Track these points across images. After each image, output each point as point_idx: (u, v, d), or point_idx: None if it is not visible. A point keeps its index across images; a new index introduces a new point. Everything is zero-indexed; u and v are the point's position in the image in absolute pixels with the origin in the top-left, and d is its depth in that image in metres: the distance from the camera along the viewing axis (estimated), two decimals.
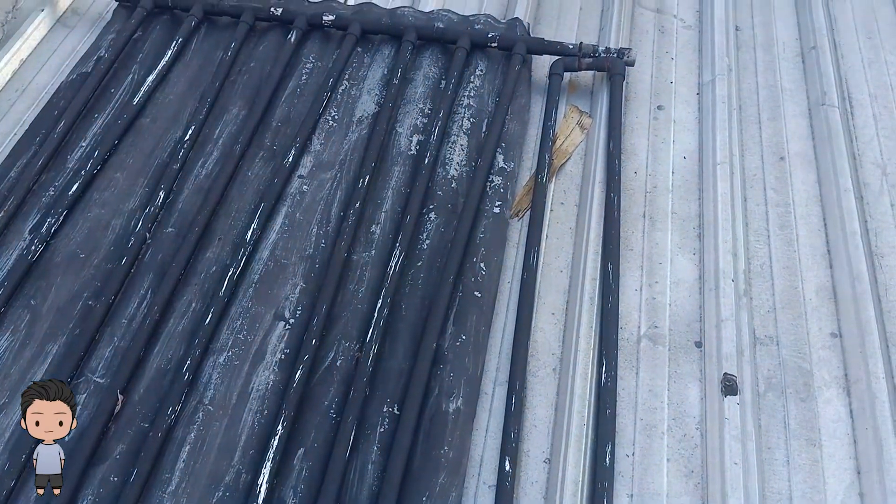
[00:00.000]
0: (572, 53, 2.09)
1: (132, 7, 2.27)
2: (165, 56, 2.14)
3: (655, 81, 2.15)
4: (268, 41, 2.21)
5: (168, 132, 1.99)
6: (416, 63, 2.15)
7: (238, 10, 2.24)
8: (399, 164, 1.91)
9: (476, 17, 2.26)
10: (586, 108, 2.08)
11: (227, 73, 2.11)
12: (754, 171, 1.93)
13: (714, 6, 2.31)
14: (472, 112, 2.01)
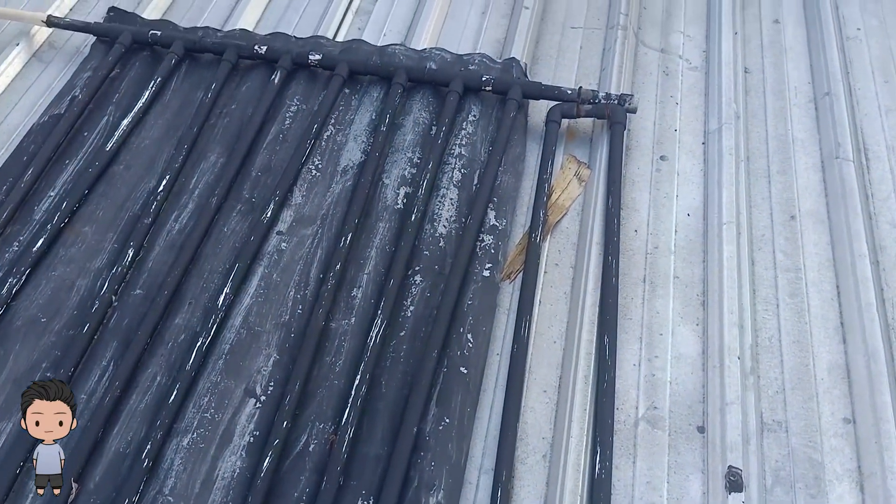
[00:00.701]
0: (571, 99, 1.98)
1: (110, 42, 2.17)
2: (143, 97, 2.03)
3: (659, 129, 2.03)
4: (251, 81, 2.10)
5: (142, 181, 1.88)
6: (405, 107, 2.04)
7: (221, 47, 2.13)
8: (385, 219, 1.80)
9: (471, 56, 2.15)
10: (585, 158, 1.96)
11: (206, 116, 2.00)
12: (763, 231, 1.81)
13: (721, 46, 2.19)
14: (463, 162, 1.90)
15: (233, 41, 2.14)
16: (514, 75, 2.08)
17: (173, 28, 2.25)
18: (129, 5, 2.38)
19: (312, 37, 2.23)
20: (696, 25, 2.31)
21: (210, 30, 2.24)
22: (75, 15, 2.36)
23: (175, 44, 2.13)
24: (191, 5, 2.40)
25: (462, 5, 2.39)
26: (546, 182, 1.86)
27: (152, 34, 2.15)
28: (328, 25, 2.31)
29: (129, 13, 2.29)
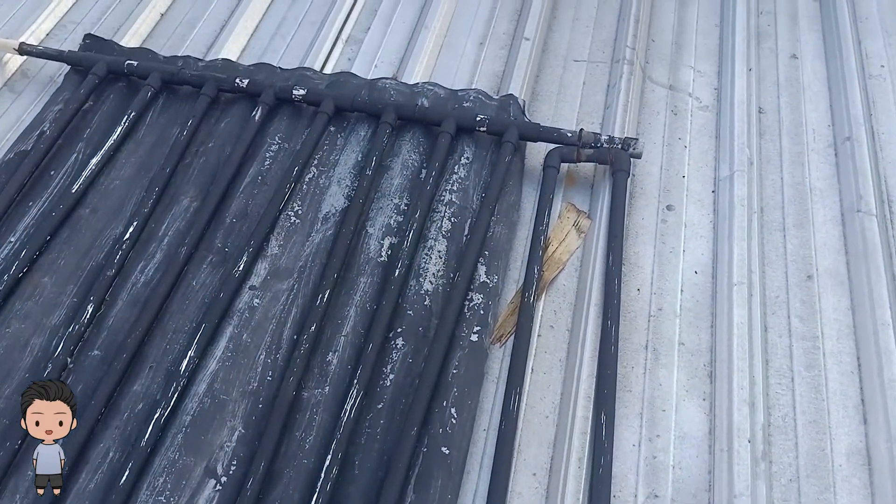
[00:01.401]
0: (571, 143, 1.84)
1: (85, 72, 2.05)
2: (115, 133, 1.91)
3: (665, 175, 1.89)
4: (231, 117, 1.98)
5: (108, 226, 1.75)
6: (394, 148, 1.91)
7: (200, 79, 2.00)
8: (367, 273, 1.67)
9: (465, 92, 2.01)
10: (585, 205, 1.82)
11: (181, 155, 1.87)
12: (777, 293, 1.66)
13: (734, 83, 2.05)
14: (453, 210, 1.77)
15: (213, 73, 2.02)
16: (511, 114, 1.95)
17: (152, 57, 2.12)
18: (108, 31, 2.26)
19: (299, 68, 2.10)
20: (708, 60, 2.16)
21: (191, 59, 2.12)
22: (51, 41, 2.24)
23: (152, 76, 2.00)
24: (172, 32, 2.28)
25: (459, 35, 2.26)
26: (542, 233, 1.72)
27: (128, 65, 2.03)
28: (317, 54, 2.18)
29: (107, 41, 2.17)
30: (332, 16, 2.28)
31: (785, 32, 2.24)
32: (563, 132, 1.85)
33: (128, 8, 2.33)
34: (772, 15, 2.28)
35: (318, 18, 2.30)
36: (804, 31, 2.23)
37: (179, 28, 2.30)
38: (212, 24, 2.31)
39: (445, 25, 2.28)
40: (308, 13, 2.34)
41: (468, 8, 2.33)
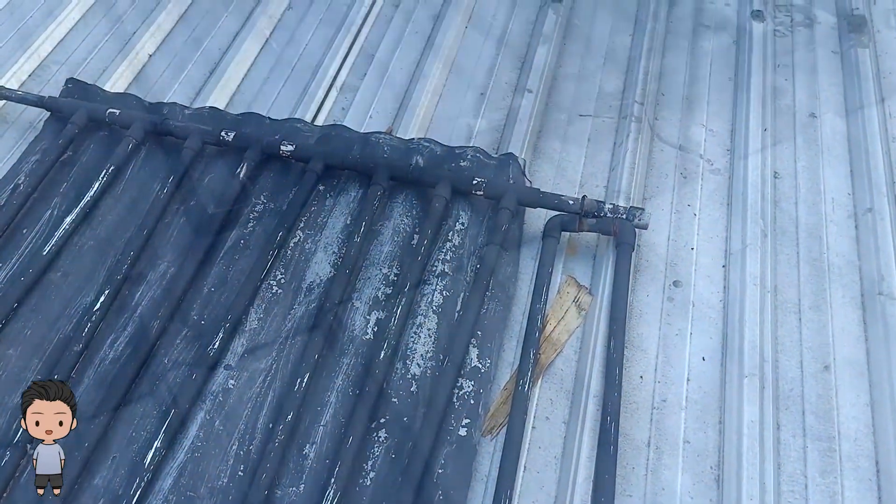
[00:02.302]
0: (573, 211, 1.73)
1: (64, 120, 1.96)
2: (93, 187, 1.81)
3: (673, 246, 1.77)
4: (215, 172, 1.88)
5: (79, 294, 1.66)
6: (386, 210, 1.80)
7: (184, 131, 1.90)
8: (350, 353, 1.56)
9: (463, 150, 1.90)
10: (586, 278, 1.71)
11: (160, 214, 1.78)
12: (791, 386, 1.54)
13: (748, 144, 1.94)
14: (446, 283, 1.66)
15: (199, 125, 1.92)
16: (510, 175, 1.84)
17: (136, 103, 2.03)
18: (93, 73, 2.17)
19: (289, 120, 2.00)
20: (720, 118, 2.05)
21: (177, 107, 2.02)
22: (33, 82, 2.15)
23: (134, 126, 1.91)
24: (160, 75, 2.19)
25: (458, 85, 2.15)
26: (540, 311, 1.61)
27: (110, 113, 1.93)
28: (309, 103, 2.08)
29: (90, 85, 2.08)
30: (327, 62, 2.18)
31: (803, 88, 2.12)
32: (564, 199, 1.74)
33: (114, 49, 2.24)
34: (789, 69, 2.16)
35: (313, 63, 2.20)
36: (823, 86, 2.11)
37: (168, 71, 2.20)
38: (201, 68, 2.21)
39: (445, 74, 2.17)
40: (301, 57, 2.24)
41: (469, 56, 2.23)
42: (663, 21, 2.28)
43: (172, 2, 2.35)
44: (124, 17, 2.33)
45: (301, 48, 2.26)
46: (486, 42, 2.26)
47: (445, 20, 2.28)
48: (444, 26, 2.26)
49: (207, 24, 2.33)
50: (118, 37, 2.27)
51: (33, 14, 2.31)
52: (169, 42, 2.29)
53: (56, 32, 2.25)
